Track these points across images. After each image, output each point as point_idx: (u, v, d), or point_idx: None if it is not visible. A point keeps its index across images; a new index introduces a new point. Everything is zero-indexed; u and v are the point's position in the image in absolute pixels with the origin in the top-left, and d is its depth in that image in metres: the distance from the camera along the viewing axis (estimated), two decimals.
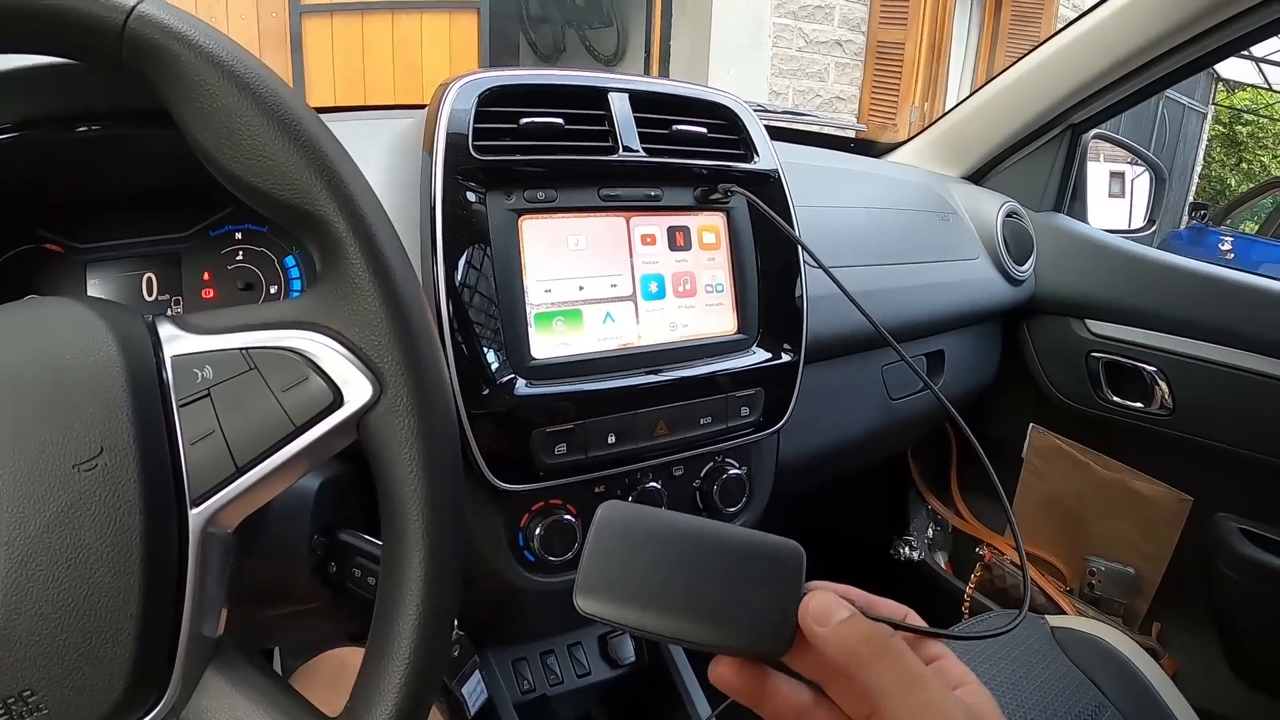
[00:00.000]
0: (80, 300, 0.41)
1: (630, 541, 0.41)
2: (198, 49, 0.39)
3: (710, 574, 0.40)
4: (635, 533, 0.42)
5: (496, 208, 0.71)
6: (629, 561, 0.41)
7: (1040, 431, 1.46)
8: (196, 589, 0.39)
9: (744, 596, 0.40)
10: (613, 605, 0.40)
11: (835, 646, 0.39)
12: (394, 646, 0.39)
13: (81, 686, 0.35)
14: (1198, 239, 7.25)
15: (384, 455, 0.41)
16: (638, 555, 0.41)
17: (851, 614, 0.39)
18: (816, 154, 1.30)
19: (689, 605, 0.40)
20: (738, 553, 0.41)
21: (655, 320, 0.78)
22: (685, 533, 0.42)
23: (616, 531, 0.42)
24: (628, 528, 0.42)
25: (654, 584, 0.40)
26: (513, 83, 0.74)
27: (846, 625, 0.39)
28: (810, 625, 0.39)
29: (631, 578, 0.41)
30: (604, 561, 0.41)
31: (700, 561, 0.41)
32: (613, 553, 0.41)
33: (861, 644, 0.38)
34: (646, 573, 0.40)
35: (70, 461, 0.36)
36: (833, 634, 0.39)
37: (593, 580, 0.41)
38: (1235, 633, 1.29)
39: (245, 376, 0.40)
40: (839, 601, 0.40)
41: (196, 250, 0.73)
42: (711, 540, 0.41)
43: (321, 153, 0.40)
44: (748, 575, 0.40)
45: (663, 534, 0.41)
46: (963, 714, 0.37)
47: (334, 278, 0.41)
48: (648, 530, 0.42)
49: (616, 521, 0.42)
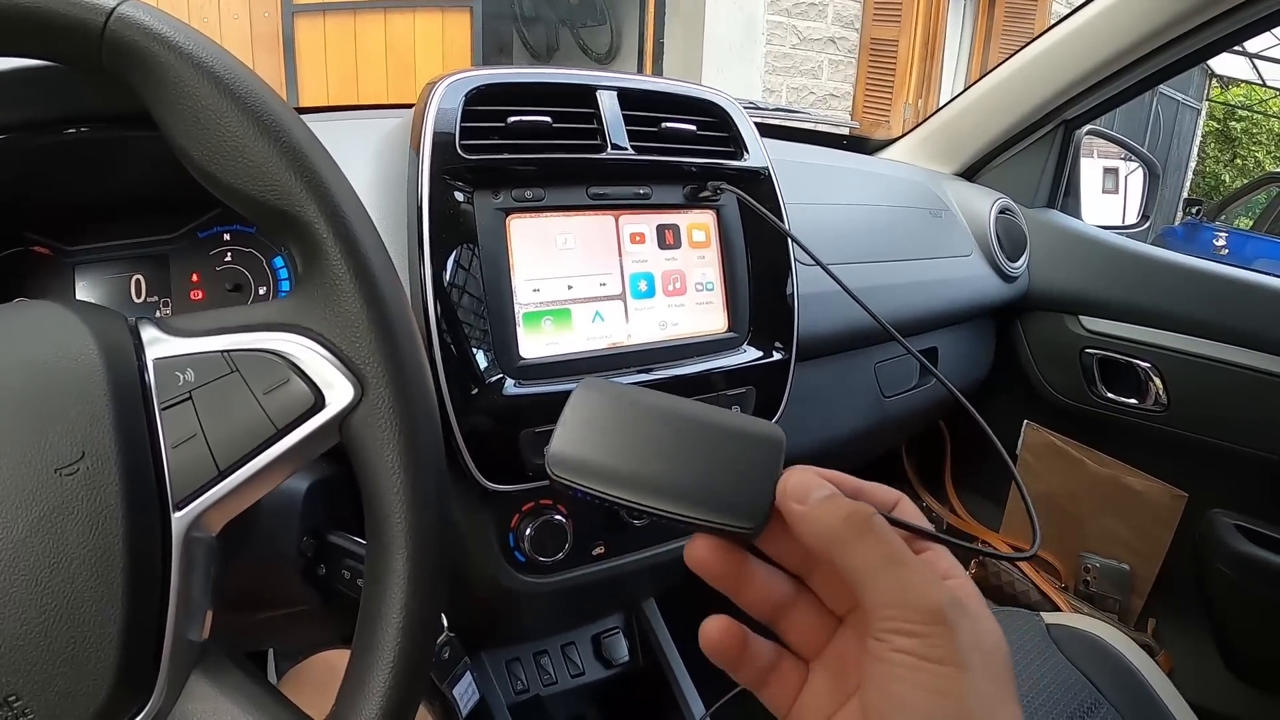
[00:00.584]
0: (62, 304, 0.41)
1: (609, 412, 0.40)
2: (177, 50, 0.39)
3: (689, 449, 0.39)
4: (614, 404, 0.41)
5: (484, 207, 0.70)
6: (606, 431, 0.40)
7: (1034, 428, 1.46)
8: (180, 593, 0.38)
9: (721, 472, 0.39)
10: (586, 475, 0.39)
11: (812, 525, 0.36)
12: (378, 650, 0.39)
13: (66, 692, 0.35)
14: (1192, 235, 7.27)
15: (366, 457, 0.40)
16: (615, 425, 0.40)
17: (831, 493, 0.37)
18: (808, 151, 1.30)
19: (666, 478, 0.39)
20: (718, 430, 0.40)
21: (645, 319, 0.78)
22: (666, 408, 0.41)
23: (595, 402, 0.41)
24: (607, 399, 0.41)
25: (630, 454, 0.39)
26: (500, 81, 0.74)
27: (825, 503, 0.36)
28: (787, 503, 0.37)
29: (608, 446, 0.39)
30: (580, 429, 0.40)
31: (680, 436, 0.39)
32: (590, 422, 0.40)
33: (841, 523, 0.36)
34: (624, 443, 0.39)
35: (52, 466, 0.36)
36: (810, 511, 0.36)
37: (567, 446, 0.39)
38: (1230, 629, 1.29)
39: (227, 379, 0.40)
40: (818, 480, 0.38)
41: (185, 251, 0.73)
42: (692, 418, 0.40)
43: (302, 153, 0.40)
44: (727, 452, 0.39)
45: (643, 407, 0.41)
46: (947, 598, 0.34)
47: (315, 279, 0.41)
48: (628, 402, 0.41)
49: (596, 393, 0.41)
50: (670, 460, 0.39)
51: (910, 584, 0.34)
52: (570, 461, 0.39)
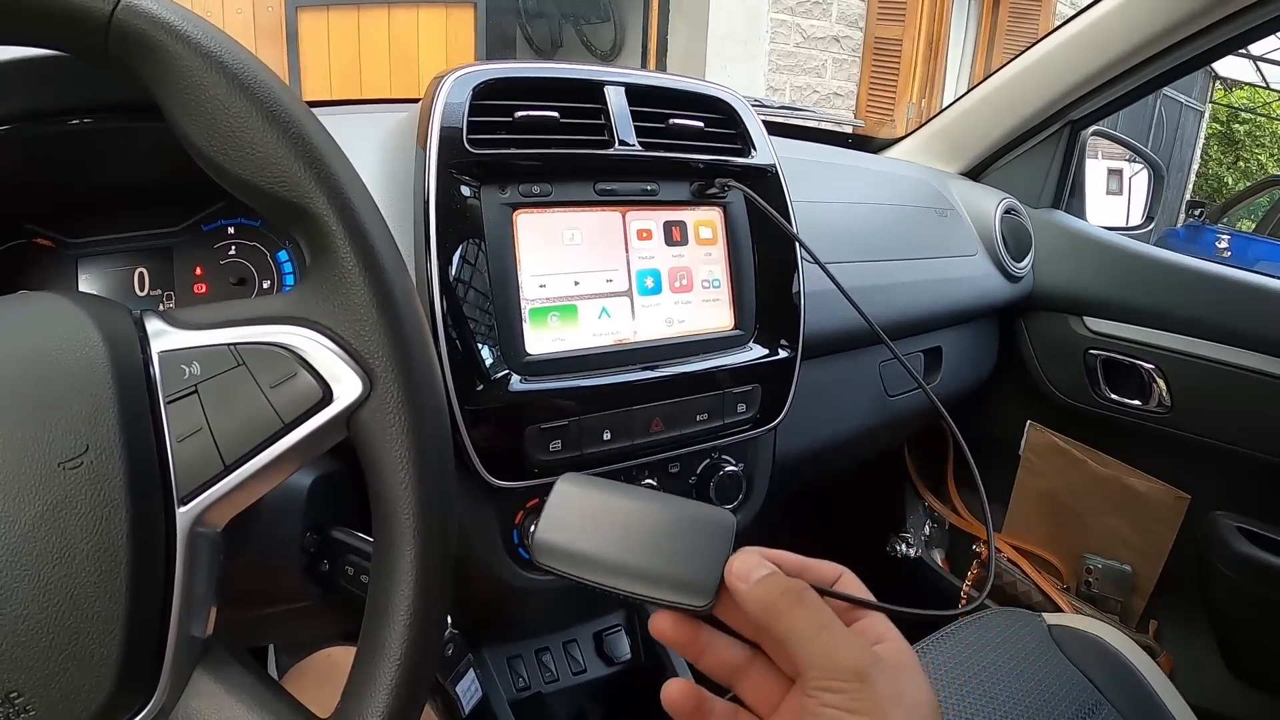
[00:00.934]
0: (67, 296, 0.41)
1: (584, 506, 0.47)
2: (185, 39, 0.39)
3: (650, 537, 0.46)
4: (589, 499, 0.48)
5: (491, 202, 0.70)
6: (582, 523, 0.47)
7: (1037, 428, 1.46)
8: (184, 589, 0.38)
9: (678, 557, 0.45)
10: (565, 562, 0.46)
11: (754, 600, 0.42)
12: (385, 646, 0.39)
13: (69, 687, 0.35)
14: (1195, 237, 7.26)
15: (374, 452, 0.40)
16: (590, 518, 0.47)
17: (771, 572, 0.43)
18: (814, 149, 1.30)
19: (630, 564, 0.45)
20: (675, 519, 0.46)
21: (651, 316, 0.78)
22: (631, 500, 0.47)
23: (572, 497, 0.48)
24: (583, 494, 0.48)
25: (602, 544, 0.46)
26: (507, 76, 0.74)
27: (765, 581, 0.42)
28: (734, 582, 0.43)
29: (583, 539, 0.46)
30: (560, 523, 0.47)
31: (642, 526, 0.46)
32: (568, 515, 0.47)
33: (777, 596, 0.42)
34: (596, 534, 0.46)
35: (56, 459, 0.35)
36: (752, 590, 0.42)
37: (549, 539, 0.46)
38: (1232, 630, 1.29)
39: (233, 373, 0.39)
40: (760, 561, 0.44)
41: (188, 245, 0.73)
42: (653, 508, 0.47)
43: (311, 145, 0.40)
44: (682, 539, 0.45)
45: (612, 501, 0.47)
46: (871, 660, 0.40)
47: (323, 272, 0.40)
48: (600, 497, 0.48)
49: (573, 489, 0.48)
50: (635, 548, 0.45)
51: (835, 647, 0.40)
52: (552, 551, 0.46)
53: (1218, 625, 1.30)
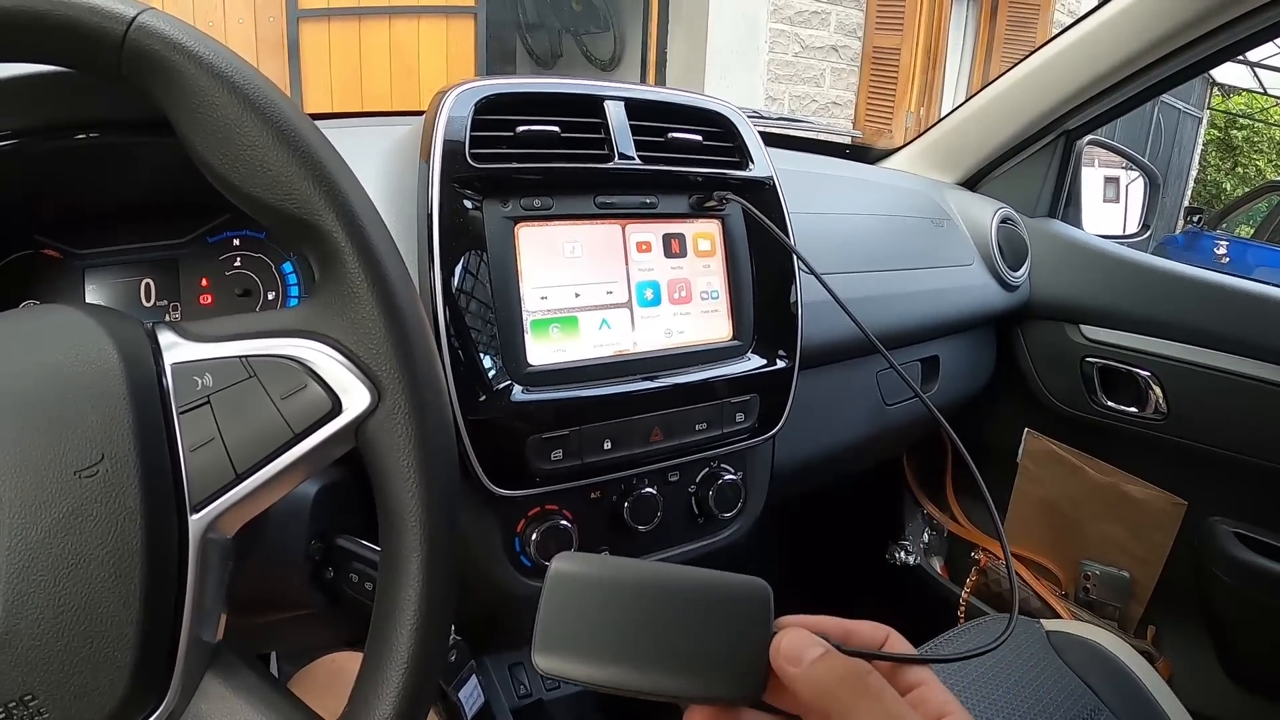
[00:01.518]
0: (80, 308, 0.42)
1: (588, 592, 0.39)
2: (198, 60, 0.39)
3: (675, 621, 0.38)
4: (593, 583, 0.40)
5: (493, 215, 0.71)
6: (588, 614, 0.39)
7: (1035, 436, 1.47)
8: (196, 594, 0.39)
9: (712, 642, 0.38)
10: (575, 662, 0.38)
11: (810, 687, 0.37)
12: (392, 651, 0.40)
13: (82, 691, 0.35)
14: (1193, 243, 7.26)
15: (382, 463, 0.41)
16: (597, 607, 0.39)
17: (825, 650, 0.37)
18: (811, 160, 1.30)
19: (656, 656, 0.38)
20: (701, 596, 0.39)
21: (651, 327, 0.79)
22: (645, 579, 0.40)
23: (573, 583, 0.40)
24: (584, 578, 0.40)
25: (617, 636, 0.38)
26: (509, 91, 0.75)
27: (820, 663, 0.37)
28: (783, 666, 0.37)
29: (592, 631, 0.39)
30: (561, 615, 0.39)
31: (663, 608, 0.39)
32: (570, 605, 0.39)
33: (838, 684, 0.36)
34: (608, 625, 0.38)
35: (72, 468, 0.36)
36: (806, 674, 0.37)
37: (551, 636, 0.39)
38: (1230, 636, 1.29)
39: (245, 384, 0.40)
40: (810, 638, 0.38)
41: (194, 256, 0.74)
42: (673, 585, 0.39)
43: (320, 163, 0.41)
44: (714, 619, 0.39)
45: (622, 582, 0.40)
46: None
47: (332, 286, 0.41)
48: (606, 579, 0.40)
49: (572, 572, 0.40)
50: (659, 638, 0.38)
51: None
52: (556, 654, 0.38)
53: (1216, 631, 1.31)
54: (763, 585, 0.40)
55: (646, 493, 0.80)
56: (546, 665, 0.38)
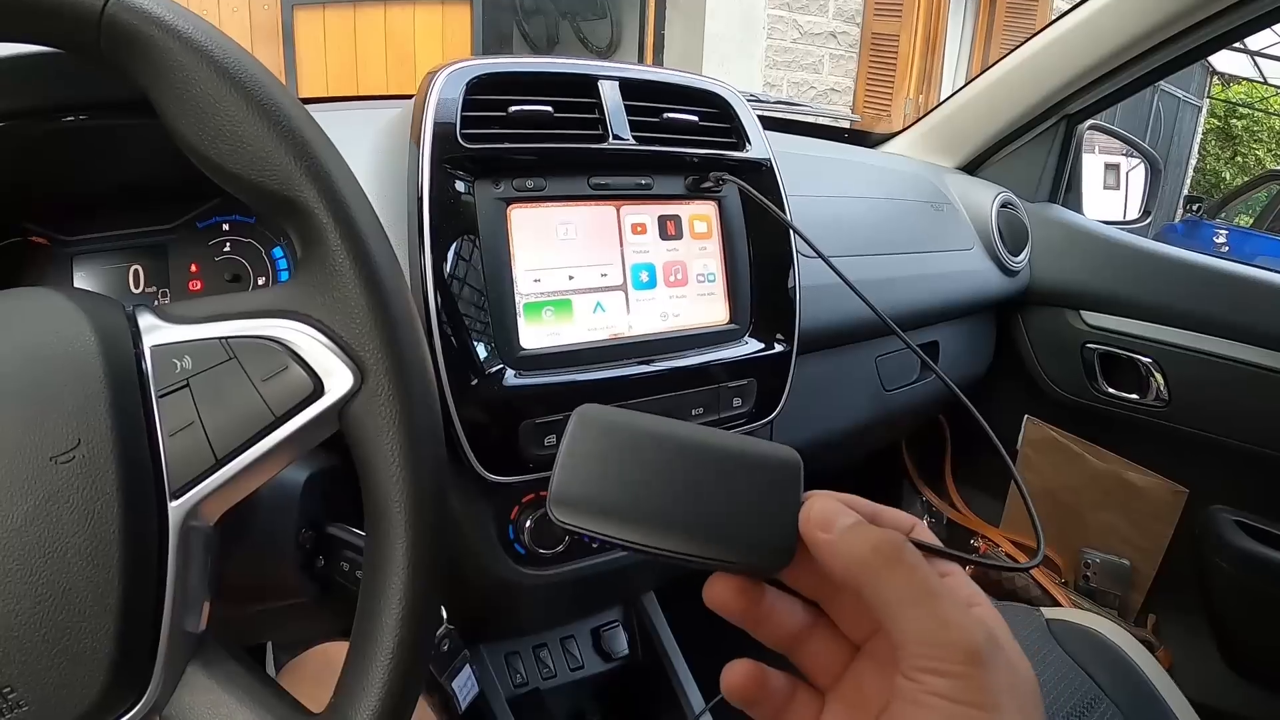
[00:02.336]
0: (58, 290, 0.41)
1: (611, 445, 0.37)
2: (176, 34, 0.38)
3: (702, 482, 0.37)
4: (617, 436, 0.38)
5: (485, 197, 0.70)
6: (611, 467, 0.37)
7: (1035, 423, 1.46)
8: (177, 583, 0.38)
9: (740, 506, 0.36)
10: (594, 516, 0.36)
11: (841, 555, 0.35)
12: (377, 641, 0.39)
13: (62, 683, 0.35)
14: (1192, 232, 7.27)
15: (366, 446, 0.40)
16: (620, 460, 0.37)
17: (857, 520, 0.36)
18: (810, 144, 1.30)
19: (681, 516, 0.36)
20: (730, 459, 0.37)
21: (646, 310, 0.78)
22: (673, 437, 0.38)
23: (595, 433, 0.38)
24: (608, 430, 0.38)
25: (640, 492, 0.36)
26: (501, 70, 0.74)
27: (852, 531, 0.35)
28: (813, 532, 0.35)
29: (614, 485, 0.37)
30: (582, 466, 0.37)
31: (690, 468, 0.37)
32: (591, 456, 0.37)
33: (870, 552, 0.34)
34: (631, 479, 0.37)
35: (47, 454, 0.35)
36: (838, 541, 0.35)
37: (570, 486, 0.37)
38: (1230, 625, 1.29)
39: (224, 366, 0.39)
40: (842, 508, 0.36)
41: (183, 242, 0.73)
42: (702, 446, 0.37)
43: (302, 138, 0.40)
44: (743, 483, 0.37)
45: (648, 437, 0.38)
46: (983, 636, 0.33)
47: (315, 265, 0.40)
48: (631, 433, 0.38)
49: (595, 422, 0.38)
50: (685, 496, 0.36)
51: (946, 620, 0.33)
52: (574, 503, 0.37)
53: (1216, 619, 1.31)
54: (793, 453, 0.38)
55: None
56: (563, 516, 0.36)
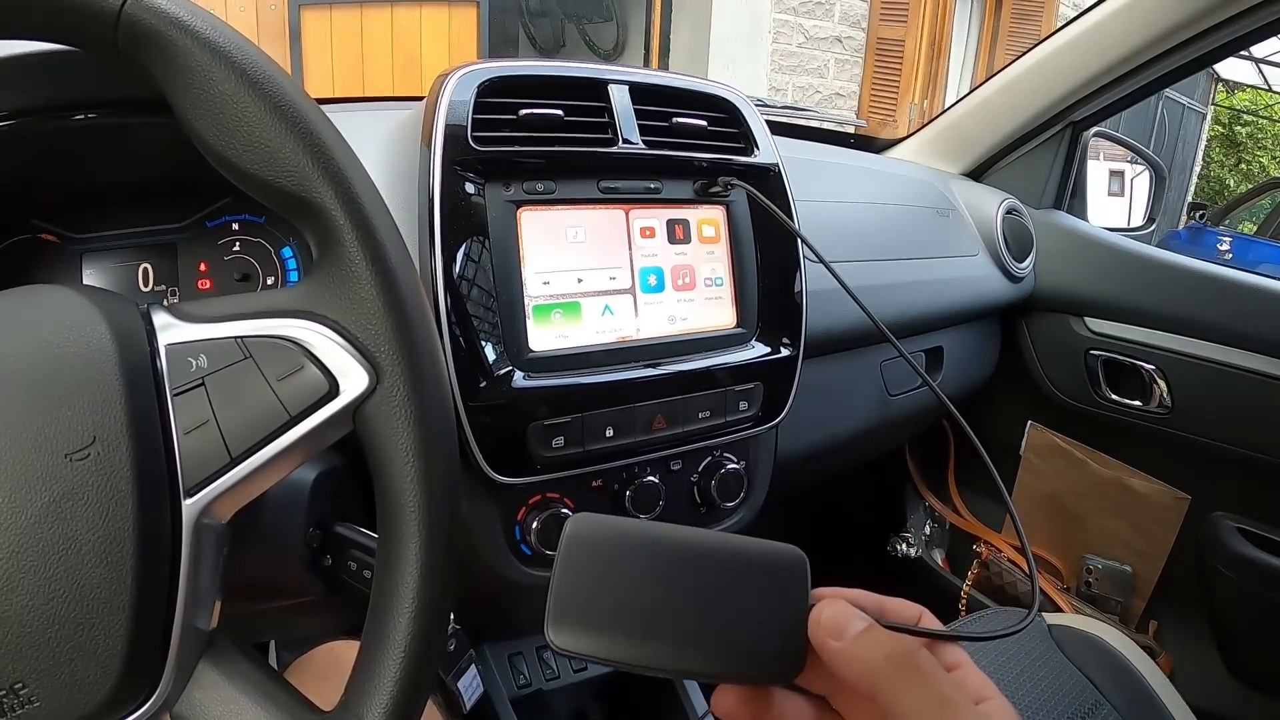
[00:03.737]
0: (74, 288, 0.41)
1: (607, 559, 0.36)
2: (195, 35, 0.39)
3: (703, 592, 0.35)
4: (612, 548, 0.36)
5: (495, 199, 0.70)
6: (608, 583, 0.35)
7: (1038, 429, 1.46)
8: (190, 581, 0.38)
9: (745, 615, 0.35)
10: (594, 637, 0.35)
11: (854, 664, 0.34)
12: (390, 639, 0.39)
13: (74, 679, 0.35)
14: (1196, 239, 7.25)
15: (380, 446, 0.40)
16: (617, 575, 0.35)
17: (868, 625, 0.35)
18: (816, 149, 1.30)
19: (684, 631, 0.35)
20: (732, 565, 0.36)
21: (654, 313, 0.78)
22: (670, 545, 0.36)
23: (590, 548, 0.36)
24: (603, 543, 0.36)
25: (640, 608, 0.35)
26: (512, 74, 0.74)
27: (865, 638, 0.34)
28: (824, 640, 0.35)
29: (612, 602, 0.35)
30: (578, 584, 0.35)
31: (690, 578, 0.35)
32: (587, 574, 0.35)
33: (884, 661, 0.34)
34: (630, 595, 0.35)
35: (62, 451, 0.35)
36: (850, 650, 0.34)
37: (567, 608, 0.35)
38: (1232, 631, 1.29)
39: (240, 365, 0.39)
40: (853, 611, 0.35)
41: (193, 241, 0.73)
42: (701, 552, 0.36)
43: (319, 139, 0.40)
44: (746, 590, 0.35)
45: (644, 548, 0.36)
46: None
47: (331, 266, 0.41)
48: (626, 544, 0.36)
49: (589, 537, 0.36)
50: (688, 609, 0.35)
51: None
52: (573, 628, 0.35)
53: (1217, 626, 1.30)
54: (799, 554, 0.37)
55: (648, 481, 0.79)
56: (561, 641, 0.35)
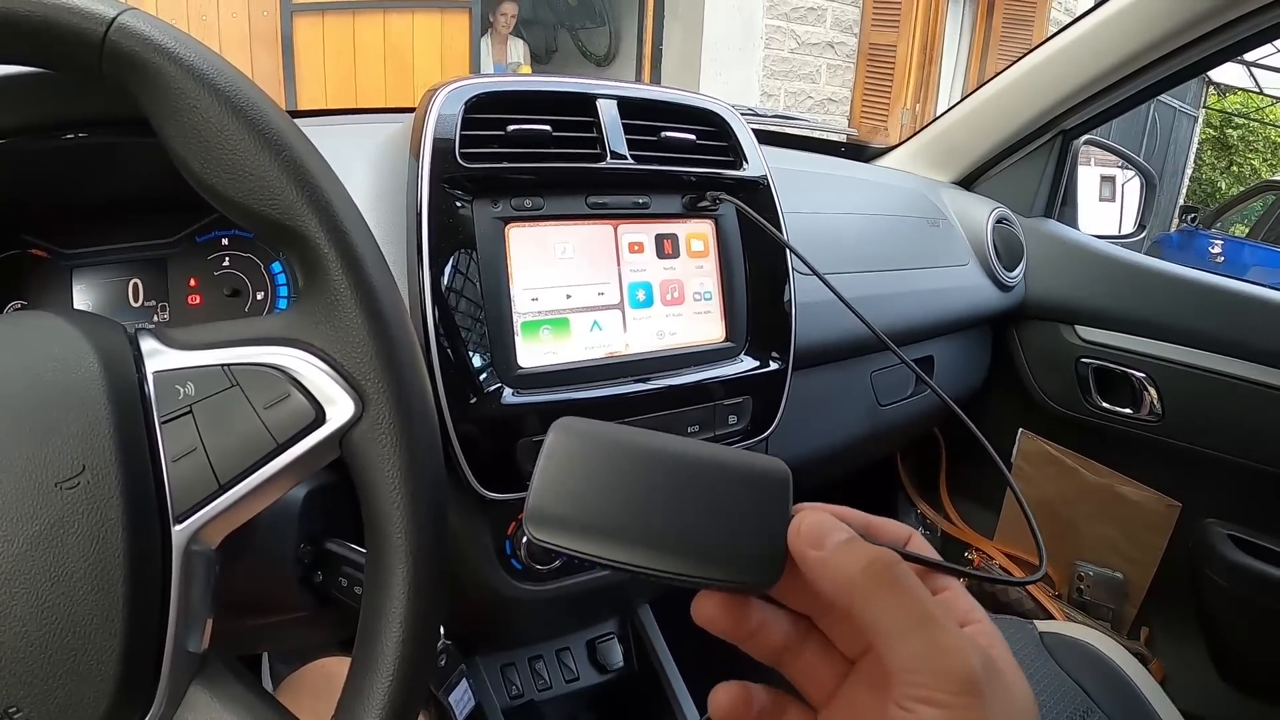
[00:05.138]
0: (61, 314, 0.41)
1: (591, 459, 0.36)
2: (178, 61, 0.39)
3: (686, 496, 0.35)
4: (597, 449, 0.36)
5: (483, 215, 0.70)
6: (590, 482, 0.35)
7: (1029, 437, 1.47)
8: (180, 606, 0.38)
9: (726, 521, 0.35)
10: (573, 534, 0.35)
11: (831, 574, 0.33)
12: (378, 663, 0.39)
13: (67, 704, 0.35)
14: (1188, 242, 7.28)
15: (367, 472, 0.40)
16: (600, 474, 0.35)
17: (849, 536, 0.34)
18: (806, 159, 1.30)
19: (665, 532, 0.35)
20: (716, 472, 0.36)
21: (643, 328, 0.78)
22: (656, 449, 0.36)
23: (574, 447, 0.36)
24: (587, 443, 0.36)
25: (621, 508, 0.35)
26: (500, 89, 0.74)
27: (844, 548, 0.33)
28: (803, 549, 0.34)
29: (594, 500, 0.35)
30: (560, 482, 0.35)
31: (674, 482, 0.35)
32: (570, 472, 0.35)
33: (861, 572, 0.33)
34: (612, 494, 0.35)
35: (53, 480, 0.36)
36: (828, 558, 0.33)
37: (547, 503, 0.35)
38: (1223, 638, 1.29)
39: (227, 393, 0.39)
40: (834, 522, 0.35)
41: (183, 256, 0.73)
42: (686, 459, 0.36)
43: (303, 168, 0.40)
44: (728, 497, 0.35)
45: (630, 450, 0.36)
46: (979, 661, 0.31)
47: (316, 294, 0.41)
48: (612, 446, 0.36)
49: (574, 435, 0.36)
50: (668, 511, 0.35)
51: (941, 646, 0.31)
52: (552, 520, 0.35)
53: (1209, 633, 1.31)
54: (781, 465, 0.37)
55: None
56: (540, 534, 0.35)
